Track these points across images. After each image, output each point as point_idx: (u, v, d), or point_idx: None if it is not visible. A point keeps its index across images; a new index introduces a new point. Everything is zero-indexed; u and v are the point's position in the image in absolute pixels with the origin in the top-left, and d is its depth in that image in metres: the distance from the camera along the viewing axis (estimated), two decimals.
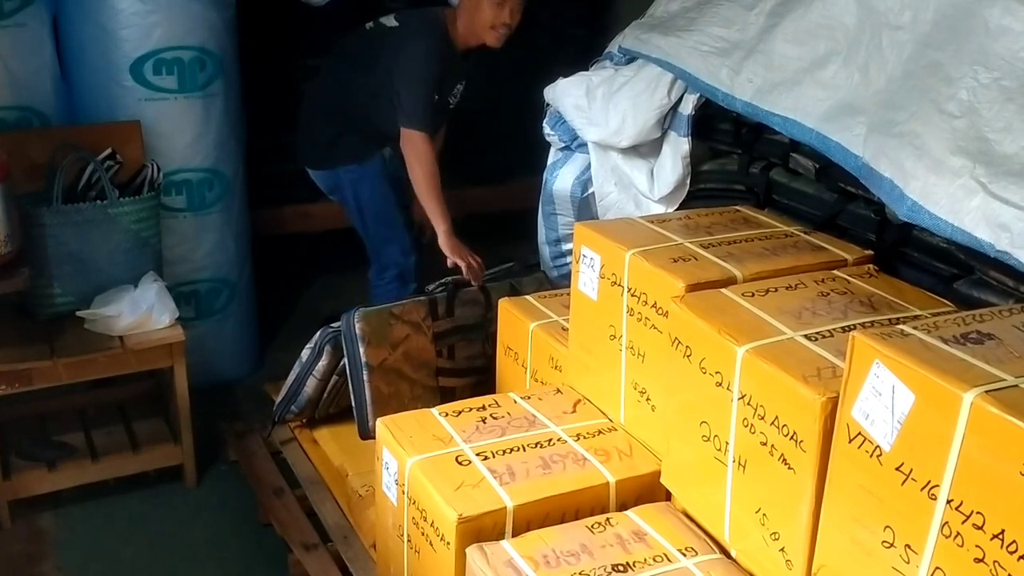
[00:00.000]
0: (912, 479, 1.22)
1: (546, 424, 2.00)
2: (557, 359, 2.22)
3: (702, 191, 2.48)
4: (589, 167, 2.73)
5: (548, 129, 2.85)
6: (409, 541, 1.90)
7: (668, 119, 2.46)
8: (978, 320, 1.33)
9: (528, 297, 2.45)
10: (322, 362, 2.62)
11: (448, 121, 3.55)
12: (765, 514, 1.52)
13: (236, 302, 3.49)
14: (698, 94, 2.37)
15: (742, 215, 2.11)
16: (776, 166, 2.28)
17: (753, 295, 1.67)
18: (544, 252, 3.01)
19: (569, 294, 2.14)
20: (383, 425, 1.99)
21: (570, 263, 2.80)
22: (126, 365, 2.79)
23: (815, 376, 1.42)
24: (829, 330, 1.55)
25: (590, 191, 2.75)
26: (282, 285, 4.09)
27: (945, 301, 1.72)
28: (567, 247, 2.88)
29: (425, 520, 1.80)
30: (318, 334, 2.65)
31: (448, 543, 1.71)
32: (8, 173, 2.57)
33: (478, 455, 1.87)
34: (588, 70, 2.75)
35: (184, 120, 3.17)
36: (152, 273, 2.91)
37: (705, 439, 1.63)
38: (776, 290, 1.69)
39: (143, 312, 2.77)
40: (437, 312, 2.67)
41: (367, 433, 2.55)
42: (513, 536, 1.72)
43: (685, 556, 1.64)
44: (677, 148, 2.44)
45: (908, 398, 1.22)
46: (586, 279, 2.02)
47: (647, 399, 1.90)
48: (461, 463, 1.84)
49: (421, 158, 3.08)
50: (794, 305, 1.64)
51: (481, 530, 1.70)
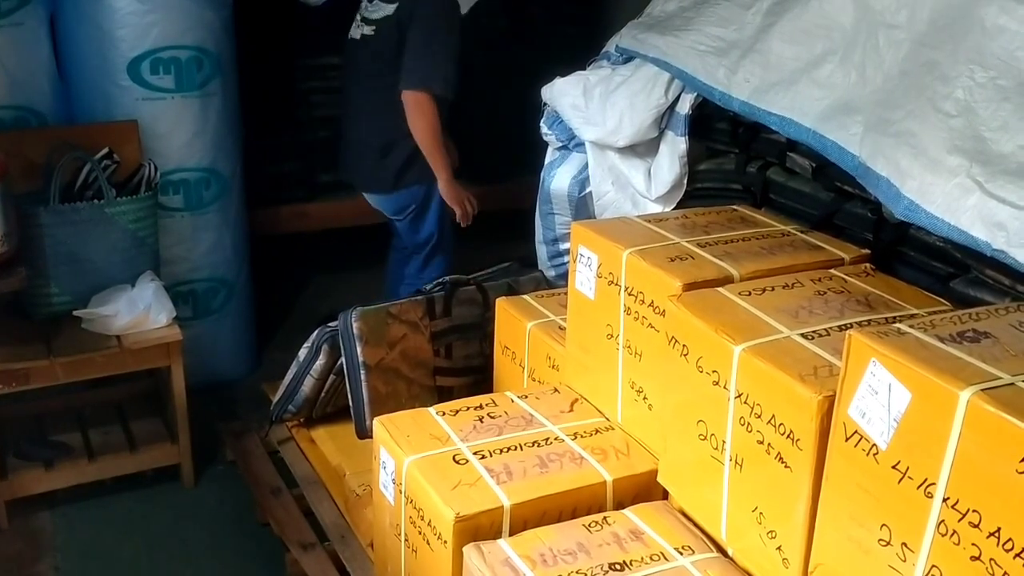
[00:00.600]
0: (908, 477, 1.22)
1: (543, 423, 2.00)
2: (554, 358, 2.22)
3: (699, 190, 2.49)
4: (586, 166, 2.72)
5: (545, 128, 2.85)
6: (406, 540, 1.90)
7: (665, 118, 2.46)
8: (974, 319, 1.33)
9: (525, 296, 2.45)
10: (319, 361, 2.62)
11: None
12: (762, 513, 1.53)
13: (233, 302, 3.49)
14: (695, 93, 2.37)
15: (739, 214, 2.11)
16: (773, 165, 2.28)
17: (750, 294, 1.67)
18: (541, 251, 3.00)
19: (566, 293, 2.14)
20: (380, 424, 1.99)
21: (567, 262, 2.80)
22: (123, 365, 2.79)
23: (812, 375, 1.42)
24: (826, 329, 1.55)
25: (587, 190, 2.75)
26: (279, 285, 4.09)
27: (942, 300, 1.72)
28: (564, 246, 2.88)
29: (422, 519, 1.80)
30: (315, 333, 2.65)
31: (445, 542, 1.71)
32: (5, 172, 2.57)
33: (475, 454, 1.87)
34: (585, 69, 2.75)
35: (181, 120, 3.18)
36: (149, 273, 2.91)
37: (702, 438, 1.63)
38: (773, 289, 1.69)
39: (140, 312, 2.77)
40: (435, 311, 2.67)
41: (364, 432, 2.55)
42: (510, 535, 1.71)
43: (682, 555, 1.63)
44: (674, 147, 2.44)
45: (904, 396, 1.22)
46: (583, 278, 2.02)
47: (644, 398, 1.90)
48: (458, 462, 1.84)
49: (427, 116, 3.04)
50: (791, 304, 1.64)
51: (478, 529, 1.70)
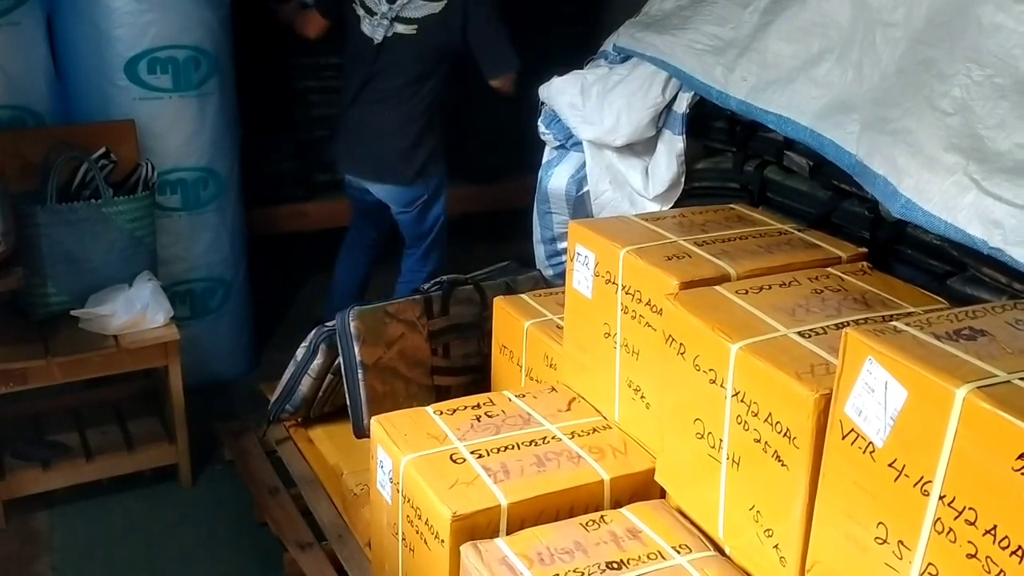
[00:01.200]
0: (905, 475, 1.23)
1: (541, 422, 2.00)
2: (552, 357, 2.22)
3: (697, 189, 2.49)
4: (584, 166, 2.72)
5: (543, 128, 2.85)
6: (404, 539, 1.90)
7: (663, 117, 2.46)
8: (971, 316, 1.34)
9: (523, 296, 2.45)
10: (317, 361, 2.62)
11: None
12: (759, 511, 1.53)
13: (231, 301, 3.49)
14: (692, 92, 2.37)
15: (736, 213, 2.11)
16: (770, 164, 2.28)
17: (747, 292, 1.67)
18: (539, 251, 3.00)
19: (564, 292, 2.14)
20: (378, 423, 1.99)
21: (565, 261, 2.80)
22: (121, 364, 2.79)
23: (808, 373, 1.42)
24: (823, 327, 1.55)
25: (585, 189, 2.74)
26: (277, 284, 4.09)
27: (938, 298, 1.72)
28: (562, 245, 2.88)
29: (420, 518, 1.80)
30: (313, 333, 2.65)
31: (443, 541, 1.71)
32: (2, 172, 2.57)
33: (472, 453, 1.87)
34: (583, 68, 2.75)
35: (179, 119, 3.17)
36: (147, 272, 2.90)
37: (699, 436, 1.63)
38: (770, 287, 1.70)
39: (138, 311, 2.77)
40: (432, 311, 2.67)
41: (362, 432, 2.55)
42: (507, 534, 1.71)
43: (679, 553, 1.64)
44: (672, 146, 2.44)
45: (901, 394, 1.22)
46: (581, 277, 2.02)
47: (641, 397, 1.90)
48: (455, 461, 1.84)
49: (513, 88, 3.25)
50: (788, 302, 1.64)
51: (475, 528, 1.70)
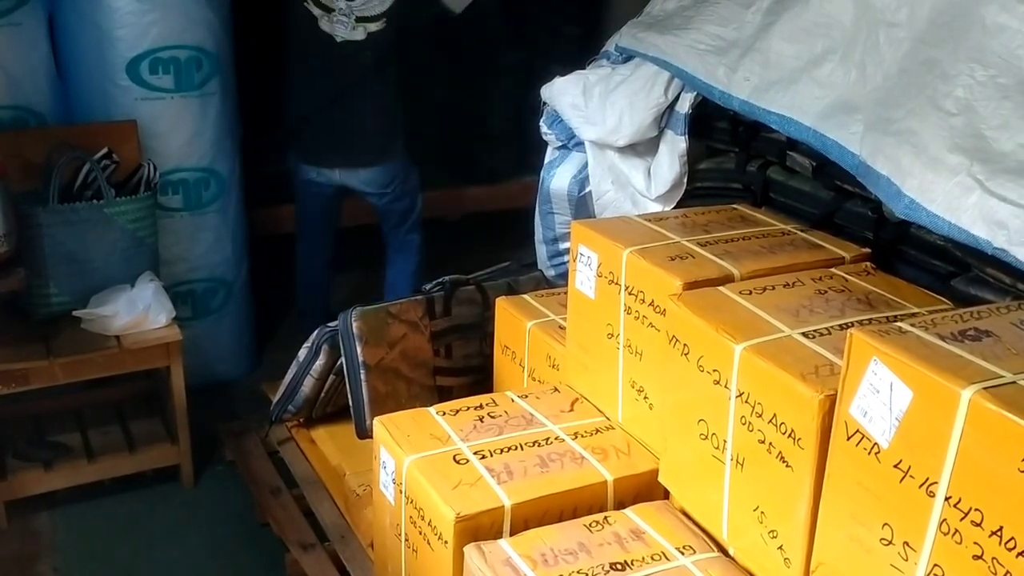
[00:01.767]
0: (910, 476, 1.22)
1: (544, 423, 1.99)
2: (555, 358, 2.21)
3: (699, 189, 2.48)
4: (586, 166, 2.72)
5: (545, 128, 2.85)
6: (407, 540, 1.90)
7: (665, 118, 2.46)
8: (976, 317, 1.33)
9: (525, 296, 2.45)
10: (319, 361, 2.62)
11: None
12: (763, 512, 1.52)
13: (233, 302, 3.49)
14: (695, 93, 2.36)
15: (739, 213, 2.11)
16: (773, 164, 2.28)
17: (751, 293, 1.67)
18: (541, 251, 3.00)
19: (566, 293, 2.14)
20: (380, 424, 1.99)
21: (567, 262, 2.79)
22: (123, 365, 2.79)
23: (813, 374, 1.42)
24: (827, 328, 1.55)
25: (587, 190, 2.74)
26: (278, 285, 4.08)
27: (942, 298, 1.72)
28: (564, 246, 2.87)
29: (423, 519, 1.80)
30: (315, 333, 2.65)
31: (446, 542, 1.71)
32: (4, 172, 2.57)
33: (476, 454, 1.86)
34: (585, 69, 2.75)
35: (180, 119, 3.17)
36: (149, 273, 2.90)
37: (703, 437, 1.63)
38: (774, 288, 1.69)
39: (140, 312, 2.77)
40: (434, 311, 2.66)
41: (364, 432, 2.55)
42: (511, 535, 1.71)
43: (683, 554, 1.63)
44: (674, 147, 2.44)
45: (906, 395, 1.21)
46: (583, 278, 2.02)
47: (645, 397, 1.90)
48: (459, 462, 1.84)
49: None
50: (792, 303, 1.64)
51: (479, 529, 1.70)
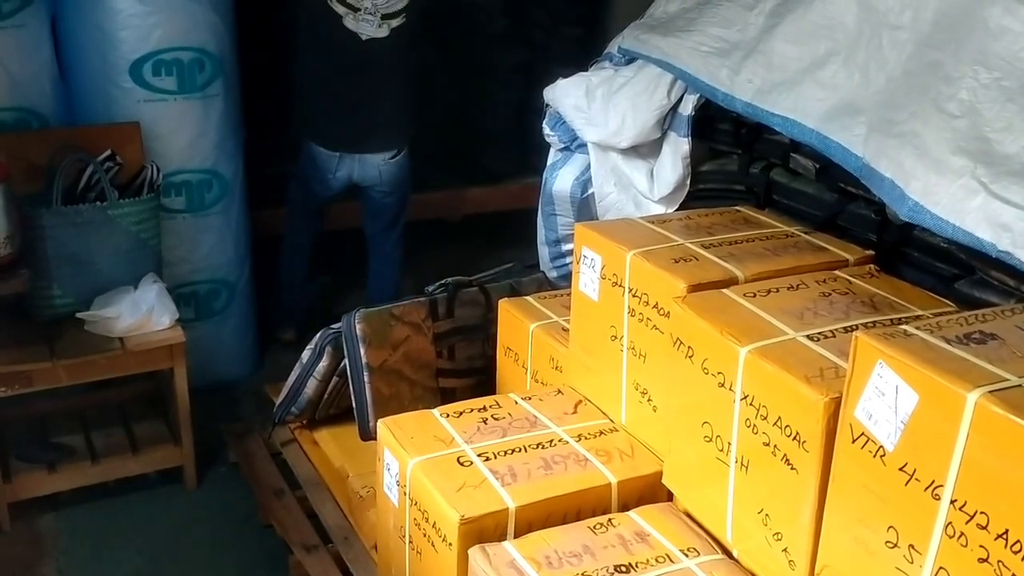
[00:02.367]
0: (916, 479, 1.22)
1: (547, 425, 2.00)
2: (558, 360, 2.22)
3: (702, 191, 2.48)
4: (589, 168, 2.72)
5: (548, 130, 2.85)
6: (411, 542, 1.90)
7: (668, 119, 2.46)
8: (981, 320, 1.33)
9: (528, 298, 2.45)
10: (323, 363, 2.62)
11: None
12: (768, 514, 1.53)
13: (235, 303, 3.49)
14: (698, 94, 2.37)
15: (743, 215, 2.11)
16: (776, 166, 2.28)
17: (755, 295, 1.67)
18: (543, 253, 3.00)
19: (569, 295, 2.14)
20: (384, 426, 1.99)
21: (569, 263, 2.80)
22: (126, 367, 2.79)
23: (818, 376, 1.42)
24: (831, 330, 1.55)
25: (590, 192, 2.75)
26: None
27: (946, 301, 1.72)
28: (566, 247, 2.88)
29: (427, 521, 1.80)
30: (318, 335, 2.65)
31: (450, 544, 1.71)
32: (7, 174, 2.56)
33: (479, 456, 1.87)
34: (587, 70, 2.75)
35: (183, 121, 3.17)
36: (152, 274, 2.90)
37: (707, 440, 1.63)
38: (778, 290, 1.69)
39: (143, 313, 2.77)
40: (437, 313, 2.66)
41: (368, 434, 2.55)
42: (515, 537, 1.71)
43: (687, 557, 1.64)
44: (677, 148, 2.44)
45: (912, 398, 1.22)
46: (587, 280, 2.02)
47: (648, 400, 1.90)
48: (463, 464, 1.84)
49: None
50: (796, 305, 1.64)
51: (483, 531, 1.70)
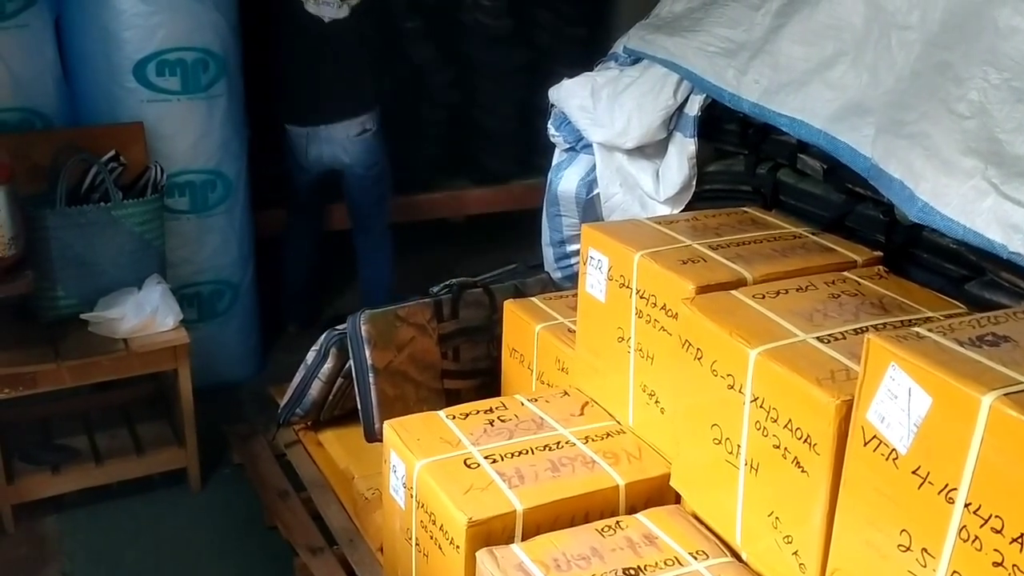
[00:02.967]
0: (929, 482, 1.22)
1: (554, 427, 1.99)
2: (563, 361, 2.21)
3: (708, 192, 2.48)
4: (594, 168, 2.72)
5: (553, 130, 2.84)
6: (417, 545, 1.89)
7: (674, 120, 2.45)
8: (993, 322, 1.33)
9: (533, 299, 2.44)
10: (327, 364, 2.61)
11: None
12: (778, 517, 1.52)
13: (239, 304, 3.49)
14: (704, 95, 2.36)
15: (750, 216, 2.11)
16: (783, 167, 2.27)
17: (764, 297, 1.66)
18: (548, 253, 2.99)
19: (574, 296, 2.13)
20: (390, 428, 1.98)
21: (574, 264, 2.79)
22: (130, 368, 2.79)
23: (829, 379, 1.41)
24: (841, 332, 1.54)
25: (595, 192, 2.74)
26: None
27: (956, 303, 1.71)
28: (571, 248, 2.87)
29: (434, 523, 1.79)
30: (323, 336, 2.64)
31: (458, 547, 1.70)
32: (11, 175, 2.56)
33: (486, 458, 1.86)
34: (592, 70, 2.75)
35: (187, 121, 3.17)
36: (156, 275, 2.90)
37: (716, 442, 1.63)
38: (787, 292, 1.69)
39: (147, 315, 2.76)
40: (442, 314, 2.66)
41: (373, 436, 2.54)
42: (523, 540, 1.71)
43: (696, 559, 1.63)
44: (683, 149, 2.43)
45: (925, 401, 1.21)
46: (594, 281, 2.01)
47: (656, 401, 1.89)
48: (469, 466, 1.83)
49: None
50: (805, 307, 1.63)
51: (491, 534, 1.69)
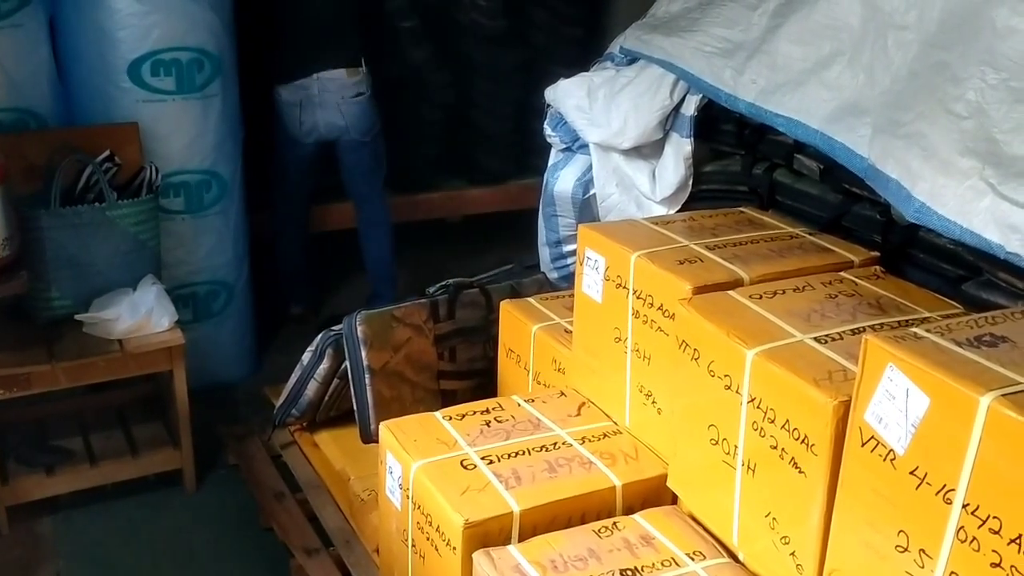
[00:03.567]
0: (927, 483, 1.21)
1: (551, 427, 1.98)
2: (560, 361, 2.20)
3: (704, 192, 2.47)
4: (590, 168, 2.71)
5: (549, 130, 2.84)
6: (414, 546, 1.89)
7: (670, 120, 2.45)
8: (990, 322, 1.32)
9: (530, 299, 2.44)
10: (323, 365, 2.61)
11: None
12: (775, 518, 1.51)
13: (234, 304, 3.48)
14: (700, 95, 2.36)
15: (747, 216, 2.10)
16: (780, 167, 2.27)
17: (761, 297, 1.66)
18: (544, 254, 2.99)
19: (571, 296, 2.13)
20: (387, 429, 1.98)
21: (571, 264, 2.79)
22: (125, 369, 2.77)
23: (826, 379, 1.41)
24: (839, 332, 1.54)
25: (591, 192, 2.74)
26: (280, 287, 4.07)
27: (953, 303, 1.71)
28: (568, 248, 2.86)
29: (430, 525, 1.79)
30: (319, 337, 2.63)
31: (454, 548, 1.70)
32: (5, 175, 2.55)
33: (483, 459, 1.85)
34: (588, 71, 2.74)
35: (182, 121, 3.16)
36: (151, 276, 2.89)
37: (713, 442, 1.62)
38: (784, 292, 1.68)
39: (142, 315, 2.75)
40: (438, 314, 2.65)
41: (369, 437, 2.54)
42: (520, 541, 1.70)
43: (693, 560, 1.62)
44: (679, 149, 2.43)
45: (923, 402, 1.21)
46: (590, 281, 2.01)
47: (653, 402, 1.89)
48: (466, 467, 1.83)
49: None
50: (802, 307, 1.63)
51: (487, 535, 1.69)
